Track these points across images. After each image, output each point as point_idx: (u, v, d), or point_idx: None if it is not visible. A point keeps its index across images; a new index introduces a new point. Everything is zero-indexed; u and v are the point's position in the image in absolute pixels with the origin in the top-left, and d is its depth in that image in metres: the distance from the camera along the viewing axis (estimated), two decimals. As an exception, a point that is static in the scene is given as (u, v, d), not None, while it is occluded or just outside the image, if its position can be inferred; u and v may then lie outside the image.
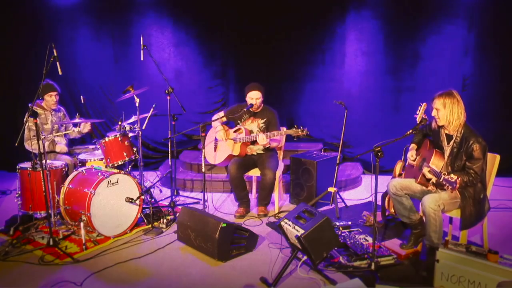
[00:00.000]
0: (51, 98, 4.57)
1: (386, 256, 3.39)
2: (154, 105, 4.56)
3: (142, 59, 4.58)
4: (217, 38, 6.33)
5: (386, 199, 4.13)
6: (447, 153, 3.40)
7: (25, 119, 4.09)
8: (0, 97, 6.40)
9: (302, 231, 3.08)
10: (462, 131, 3.31)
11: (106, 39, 6.34)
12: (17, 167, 4.09)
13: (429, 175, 3.22)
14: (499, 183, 5.33)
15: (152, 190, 4.63)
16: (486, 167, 3.33)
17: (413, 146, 3.76)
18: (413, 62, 6.00)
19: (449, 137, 3.41)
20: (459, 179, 2.99)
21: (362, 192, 5.44)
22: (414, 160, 3.66)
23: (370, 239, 3.66)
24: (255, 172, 4.62)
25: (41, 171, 3.66)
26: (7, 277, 3.32)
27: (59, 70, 3.66)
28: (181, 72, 6.43)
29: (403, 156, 3.89)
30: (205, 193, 4.19)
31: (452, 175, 3.01)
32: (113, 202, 3.97)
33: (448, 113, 3.28)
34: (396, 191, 3.54)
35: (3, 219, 4.25)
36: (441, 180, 3.06)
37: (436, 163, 3.36)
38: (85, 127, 4.79)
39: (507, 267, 2.72)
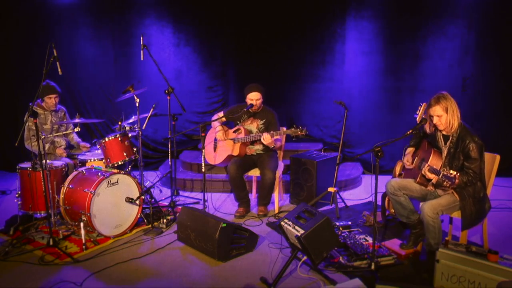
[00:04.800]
0: (50, 100, 4.57)
1: (386, 256, 3.39)
2: (154, 105, 4.56)
3: (142, 59, 4.58)
4: (217, 38, 6.33)
5: (386, 199, 4.14)
6: (444, 154, 3.40)
7: (25, 118, 4.09)
8: (0, 97, 6.40)
9: (302, 231, 3.07)
10: (458, 131, 3.31)
11: (106, 39, 6.34)
12: (17, 167, 4.09)
13: (429, 175, 3.21)
14: (499, 183, 5.33)
15: (152, 190, 4.62)
16: (484, 165, 3.32)
17: (409, 150, 3.74)
18: (413, 62, 6.00)
19: (445, 138, 3.41)
20: (458, 174, 3.02)
21: (362, 192, 5.43)
22: (411, 164, 3.65)
23: (370, 239, 3.66)
24: (255, 172, 4.62)
25: (41, 171, 3.67)
26: (7, 277, 3.32)
27: (59, 70, 3.66)
28: (181, 72, 6.43)
29: (403, 156, 3.88)
30: (205, 193, 4.19)
31: (451, 171, 3.03)
32: (113, 202, 3.97)
33: (450, 117, 3.27)
34: (394, 191, 3.53)
35: (3, 219, 4.25)
36: (440, 176, 3.06)
37: (435, 162, 3.36)
38: (84, 147, 4.82)
39: (507, 267, 2.72)
